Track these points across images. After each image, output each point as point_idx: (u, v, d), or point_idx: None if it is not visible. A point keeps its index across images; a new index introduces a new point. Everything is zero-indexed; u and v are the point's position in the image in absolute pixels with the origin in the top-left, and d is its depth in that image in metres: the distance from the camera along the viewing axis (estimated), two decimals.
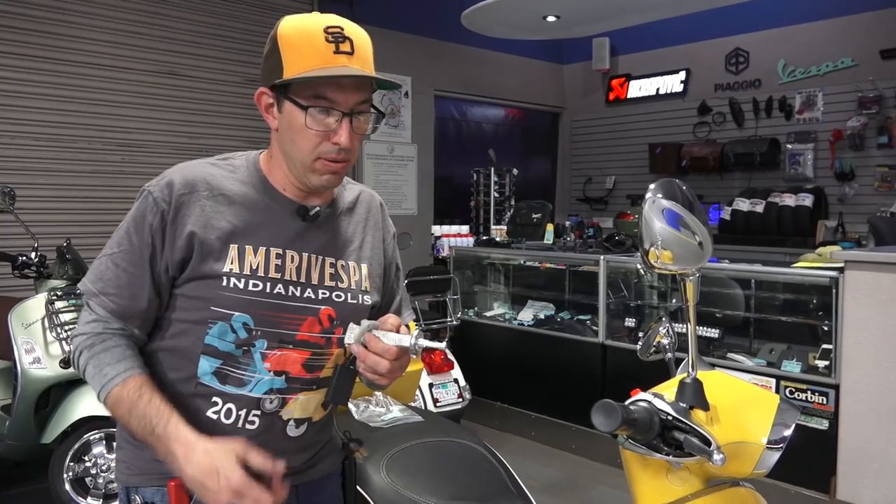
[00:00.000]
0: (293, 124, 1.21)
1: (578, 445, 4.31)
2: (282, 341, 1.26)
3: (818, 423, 3.36)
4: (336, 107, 1.20)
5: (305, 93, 1.19)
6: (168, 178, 1.25)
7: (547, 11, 6.10)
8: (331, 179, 1.26)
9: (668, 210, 1.09)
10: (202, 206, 1.24)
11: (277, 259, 1.27)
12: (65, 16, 4.88)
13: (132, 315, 1.24)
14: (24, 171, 4.70)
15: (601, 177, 8.06)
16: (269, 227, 1.28)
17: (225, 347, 1.24)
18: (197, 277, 1.23)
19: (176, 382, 1.27)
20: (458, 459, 1.94)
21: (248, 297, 1.23)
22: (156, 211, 1.22)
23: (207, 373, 1.25)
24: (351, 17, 1.23)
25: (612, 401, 1.09)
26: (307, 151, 1.22)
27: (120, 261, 1.24)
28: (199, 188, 1.25)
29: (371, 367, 1.19)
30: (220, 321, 1.23)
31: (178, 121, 5.39)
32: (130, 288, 1.23)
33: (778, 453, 1.27)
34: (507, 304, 5.25)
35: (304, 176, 1.26)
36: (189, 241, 1.22)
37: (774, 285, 3.88)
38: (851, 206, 6.08)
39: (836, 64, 6.22)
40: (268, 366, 1.26)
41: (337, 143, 1.21)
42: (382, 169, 6.73)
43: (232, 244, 1.24)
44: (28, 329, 3.24)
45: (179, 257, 1.23)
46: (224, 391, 1.26)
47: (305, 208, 1.30)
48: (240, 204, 1.27)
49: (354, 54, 1.20)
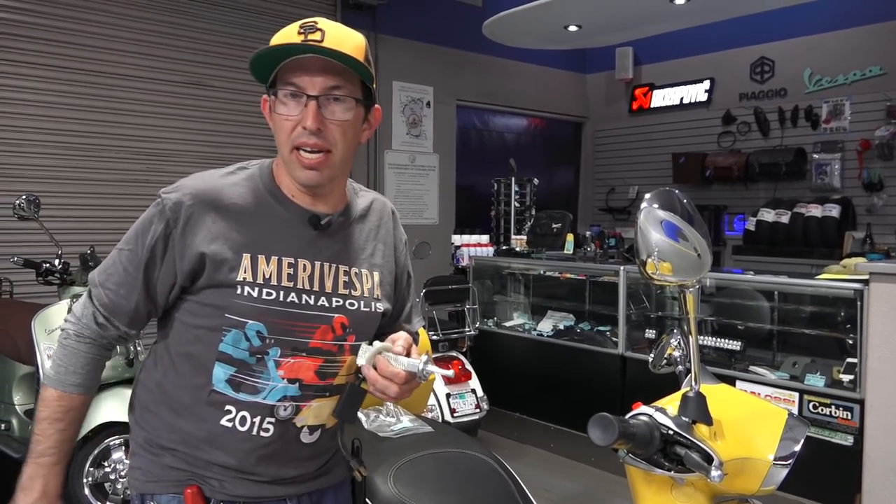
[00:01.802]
0: (273, 117, 1.25)
1: (598, 458, 4.26)
2: (295, 349, 1.27)
3: (843, 438, 3.29)
4: (303, 90, 1.21)
5: (280, 84, 1.22)
6: (180, 188, 1.27)
7: (569, 21, 6.09)
8: (311, 175, 1.25)
9: (666, 222, 1.08)
10: (213, 218, 1.25)
11: (290, 268, 1.27)
12: (92, 27, 4.98)
13: (121, 312, 1.28)
14: (49, 180, 4.80)
15: (624, 187, 8.00)
16: (280, 237, 1.28)
17: (239, 355, 1.25)
18: (212, 286, 1.25)
19: (190, 389, 1.28)
20: (467, 471, 1.93)
21: (261, 306, 1.24)
22: (162, 220, 1.25)
23: (221, 380, 1.26)
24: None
25: (608, 414, 1.08)
26: (284, 142, 1.24)
27: (124, 259, 1.29)
28: (210, 199, 1.26)
29: (380, 391, 1.20)
30: (235, 329, 1.24)
31: (203, 130, 5.46)
32: (125, 287, 1.27)
33: (786, 469, 1.24)
34: (527, 314, 5.22)
35: (292, 172, 1.27)
36: (200, 258, 1.24)
37: (798, 297, 3.81)
38: (880, 216, 5.96)
39: (864, 72, 6.11)
40: (281, 373, 1.27)
41: (305, 127, 1.20)
42: (404, 178, 6.76)
43: (245, 253, 1.25)
44: (51, 335, 3.28)
45: (189, 268, 1.24)
46: (238, 399, 1.27)
47: (317, 217, 1.30)
48: (252, 213, 1.28)
49: (324, 42, 1.20)
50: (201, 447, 1.27)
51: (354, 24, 1.29)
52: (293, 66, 1.20)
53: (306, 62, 1.20)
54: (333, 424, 1.36)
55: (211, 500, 1.28)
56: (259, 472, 1.29)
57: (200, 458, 1.28)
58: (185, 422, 1.28)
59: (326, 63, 1.20)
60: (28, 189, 4.15)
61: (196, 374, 1.27)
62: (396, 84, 6.60)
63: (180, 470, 1.28)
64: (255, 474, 1.29)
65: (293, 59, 1.20)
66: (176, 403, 1.29)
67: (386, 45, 6.31)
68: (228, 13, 5.57)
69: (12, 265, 3.61)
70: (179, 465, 1.28)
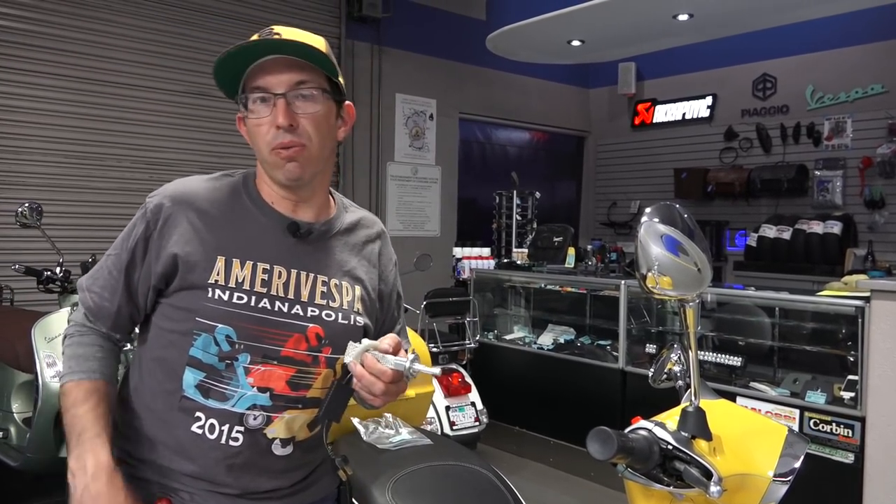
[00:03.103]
0: (248, 125, 1.27)
1: (597, 473, 4.24)
2: (266, 356, 1.25)
3: (843, 456, 3.27)
4: (269, 90, 1.22)
5: (248, 91, 1.24)
6: (162, 192, 1.30)
7: (572, 36, 6.12)
8: (292, 169, 1.25)
9: (666, 236, 1.08)
10: (190, 220, 1.26)
11: (264, 274, 1.27)
12: (95, 36, 5.01)
13: (104, 315, 1.30)
14: (52, 188, 4.81)
15: (626, 201, 8.01)
16: (257, 242, 1.29)
17: (208, 360, 1.24)
18: (184, 287, 1.25)
19: (162, 395, 1.28)
20: (465, 484, 1.92)
21: (231, 310, 1.24)
22: (143, 222, 1.28)
23: (191, 385, 1.25)
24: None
25: (607, 428, 1.07)
26: (263, 147, 1.25)
27: (110, 263, 1.31)
28: (188, 201, 1.28)
29: (367, 388, 1.18)
30: (205, 333, 1.24)
31: (205, 140, 5.49)
32: (108, 290, 1.29)
33: (785, 486, 1.23)
34: (527, 327, 5.22)
35: (273, 175, 1.28)
36: (173, 259, 1.25)
37: (799, 314, 3.80)
38: (882, 234, 5.96)
39: (866, 90, 6.14)
40: (251, 381, 1.25)
41: (279, 126, 1.22)
42: (406, 190, 6.77)
43: (220, 256, 1.26)
44: (50, 343, 3.28)
45: (161, 271, 1.26)
46: (207, 405, 1.25)
47: (297, 224, 1.30)
48: (229, 218, 1.29)
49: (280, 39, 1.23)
50: (172, 458, 1.26)
51: (358, 36, 1.31)
52: (256, 71, 1.23)
53: (268, 65, 1.22)
54: (305, 438, 1.34)
55: None
56: (228, 483, 1.27)
57: (172, 468, 1.26)
58: (157, 431, 1.27)
59: (289, 61, 1.22)
60: (30, 197, 4.17)
61: (168, 380, 1.26)
62: (399, 96, 6.63)
63: (153, 482, 1.27)
64: (224, 485, 1.27)
65: (256, 65, 1.22)
66: (149, 411, 1.29)
67: (389, 58, 6.34)
68: (231, 24, 5.60)
69: (13, 273, 3.62)
70: (153, 476, 1.27)
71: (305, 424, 1.33)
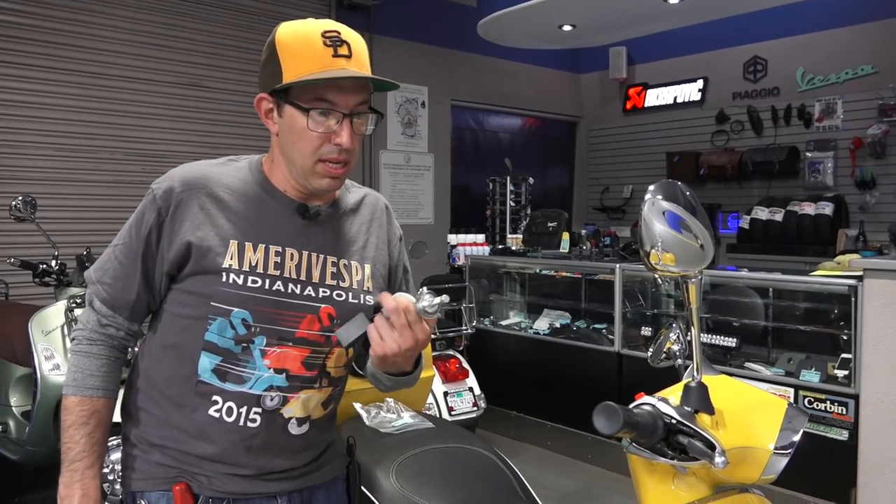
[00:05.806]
0: (294, 127, 1.24)
1: (594, 455, 4.28)
2: (281, 338, 1.27)
3: (837, 433, 3.31)
4: (336, 108, 1.22)
5: (306, 96, 1.22)
6: (170, 177, 1.30)
7: (563, 21, 6.11)
8: (331, 183, 1.28)
9: (669, 212, 1.09)
10: (201, 204, 1.27)
11: (277, 256, 1.28)
12: (88, 28, 4.97)
13: (121, 305, 1.30)
14: (46, 181, 4.78)
15: (618, 186, 8.03)
16: (268, 225, 1.30)
17: (224, 344, 1.26)
18: (198, 272, 1.26)
19: (177, 381, 1.29)
20: (469, 466, 1.94)
21: (246, 294, 1.25)
22: (154, 209, 1.27)
23: (207, 370, 1.27)
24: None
25: (613, 403, 1.09)
26: (308, 154, 1.25)
27: (119, 253, 1.30)
28: (199, 186, 1.28)
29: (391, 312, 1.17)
30: (220, 317, 1.25)
31: (199, 131, 5.46)
32: (123, 280, 1.29)
33: (786, 459, 1.26)
34: (523, 312, 5.24)
35: (305, 179, 1.28)
36: (186, 247, 1.25)
37: (793, 294, 3.84)
38: (873, 214, 6.00)
39: (856, 71, 6.16)
40: (267, 363, 1.27)
41: (338, 144, 1.23)
42: (399, 178, 6.76)
43: (232, 240, 1.26)
44: (48, 336, 3.28)
45: (174, 257, 1.26)
46: (224, 388, 1.27)
47: (306, 206, 1.32)
48: (240, 202, 1.30)
49: (352, 57, 1.22)
50: (190, 441, 1.28)
51: (349, 24, 1.30)
52: (329, 84, 1.22)
53: (342, 82, 1.23)
54: (320, 416, 1.37)
55: (199, 497, 1.27)
56: (247, 465, 1.29)
57: (189, 453, 1.28)
58: (173, 415, 1.29)
59: (359, 83, 1.24)
60: (24, 190, 4.14)
61: (183, 365, 1.28)
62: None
63: (169, 467, 1.28)
64: (243, 466, 1.29)
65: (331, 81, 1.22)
66: (164, 397, 1.30)
67: (380, 46, 6.31)
68: (223, 14, 5.56)
69: (9, 266, 3.60)
70: (169, 461, 1.29)
71: (320, 403, 1.36)
